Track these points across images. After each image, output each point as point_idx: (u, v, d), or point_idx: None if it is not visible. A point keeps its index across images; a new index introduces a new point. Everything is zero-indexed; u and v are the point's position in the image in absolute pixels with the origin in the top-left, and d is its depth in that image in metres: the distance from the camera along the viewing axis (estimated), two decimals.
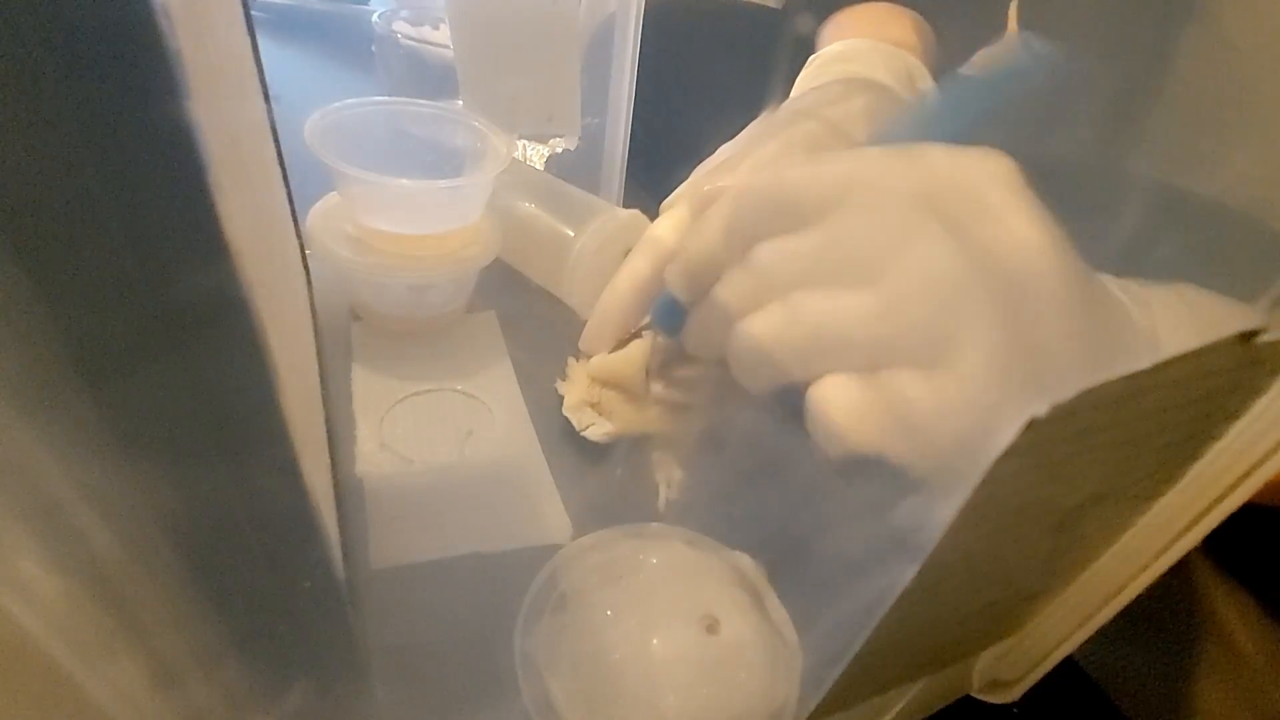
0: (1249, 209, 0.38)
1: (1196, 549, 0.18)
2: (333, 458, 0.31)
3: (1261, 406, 0.16)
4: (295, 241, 0.35)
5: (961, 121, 0.29)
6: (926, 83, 0.41)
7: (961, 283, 0.20)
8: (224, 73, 0.17)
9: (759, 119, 0.39)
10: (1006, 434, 0.12)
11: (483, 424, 0.35)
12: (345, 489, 0.30)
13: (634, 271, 0.33)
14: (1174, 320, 0.23)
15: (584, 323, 0.35)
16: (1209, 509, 0.17)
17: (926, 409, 0.21)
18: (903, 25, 0.43)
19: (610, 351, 0.34)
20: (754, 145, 0.36)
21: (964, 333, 0.20)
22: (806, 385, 0.23)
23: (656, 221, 0.35)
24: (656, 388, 0.33)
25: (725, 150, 0.38)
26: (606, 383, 0.34)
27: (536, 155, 0.55)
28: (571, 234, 0.39)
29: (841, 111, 0.36)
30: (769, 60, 0.49)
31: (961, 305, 0.20)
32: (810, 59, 0.43)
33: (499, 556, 0.29)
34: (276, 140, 0.30)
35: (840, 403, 0.22)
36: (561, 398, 0.35)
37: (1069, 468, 0.14)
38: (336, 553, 0.20)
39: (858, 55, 0.41)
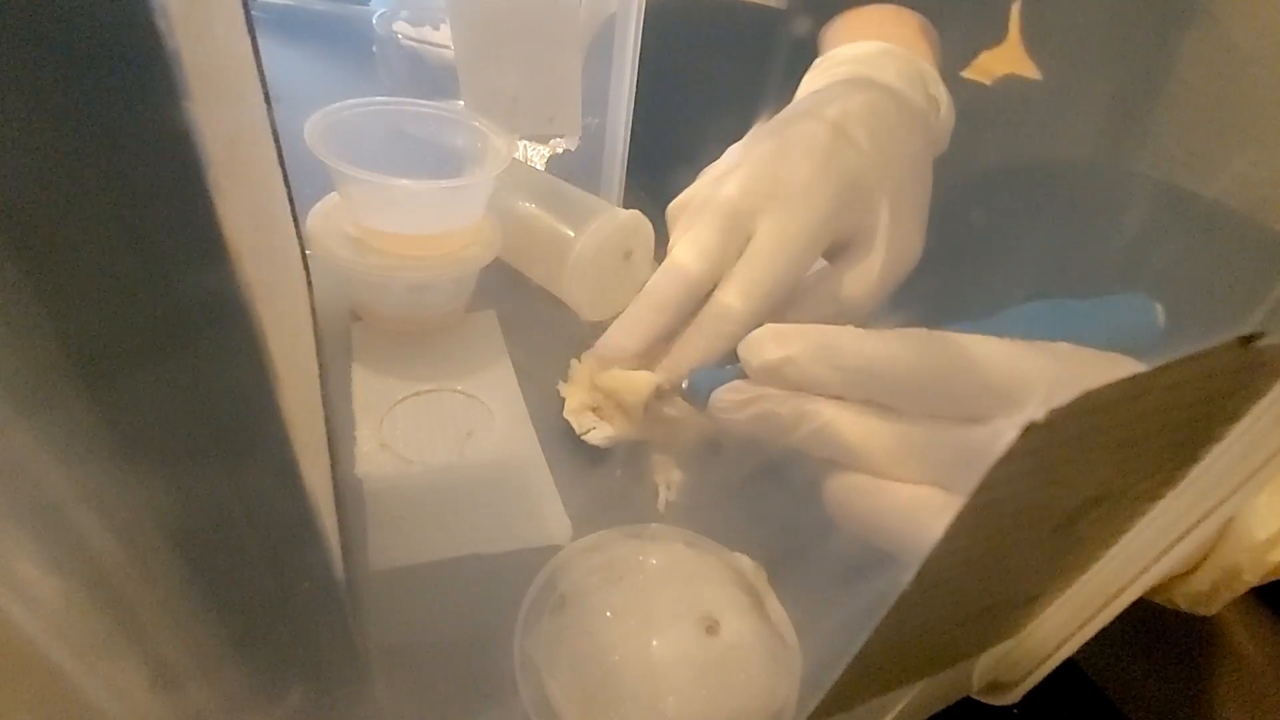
0: (1250, 210, 0.38)
1: None
2: (333, 458, 0.30)
3: (1261, 409, 0.16)
4: (295, 242, 0.35)
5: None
6: (939, 88, 0.40)
7: None
8: (224, 73, 0.17)
9: (761, 121, 0.39)
10: (1005, 437, 0.12)
11: (483, 424, 0.35)
12: (345, 489, 0.30)
13: (656, 300, 0.33)
14: None
15: (584, 323, 0.35)
16: (1209, 512, 0.17)
17: None
18: (910, 28, 0.43)
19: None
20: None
21: None
22: None
23: (678, 245, 0.34)
24: (655, 407, 0.33)
25: (731, 154, 0.38)
26: (608, 393, 0.34)
27: (536, 155, 0.55)
28: (571, 234, 0.39)
29: (840, 110, 0.36)
30: (770, 60, 0.49)
31: None
32: (818, 60, 0.43)
33: (499, 557, 0.29)
34: (277, 141, 0.30)
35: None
36: (563, 400, 0.35)
37: (1068, 471, 0.14)
38: (336, 553, 0.20)
39: (869, 58, 0.40)
